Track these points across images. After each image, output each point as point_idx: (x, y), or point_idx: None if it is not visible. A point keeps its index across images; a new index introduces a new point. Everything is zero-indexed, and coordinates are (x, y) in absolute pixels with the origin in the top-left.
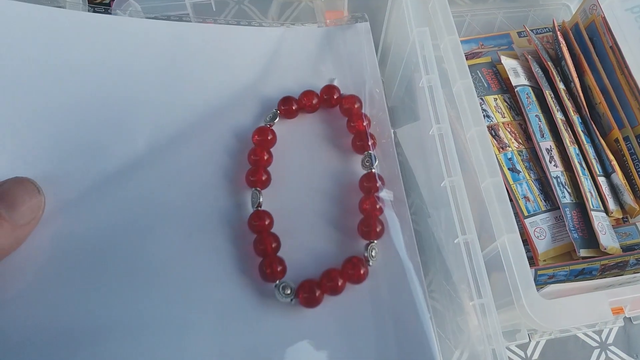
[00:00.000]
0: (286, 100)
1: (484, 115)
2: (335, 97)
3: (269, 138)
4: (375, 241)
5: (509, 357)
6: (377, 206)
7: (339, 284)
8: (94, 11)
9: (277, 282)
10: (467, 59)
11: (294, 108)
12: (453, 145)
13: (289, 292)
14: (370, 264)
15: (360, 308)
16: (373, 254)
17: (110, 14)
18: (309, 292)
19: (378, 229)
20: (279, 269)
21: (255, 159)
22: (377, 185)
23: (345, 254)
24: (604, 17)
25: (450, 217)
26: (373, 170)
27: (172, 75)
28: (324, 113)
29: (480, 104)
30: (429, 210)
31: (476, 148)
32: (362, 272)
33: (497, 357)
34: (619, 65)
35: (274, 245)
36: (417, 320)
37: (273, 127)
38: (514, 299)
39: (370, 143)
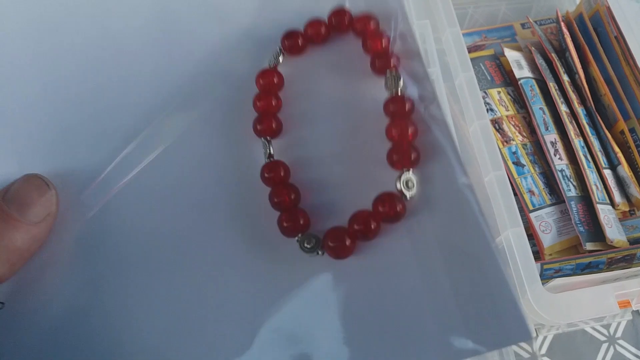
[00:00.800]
0: (290, 35)
1: (487, 109)
2: (346, 21)
3: (275, 81)
4: (411, 170)
5: (515, 352)
6: (409, 130)
7: (372, 226)
8: None
9: (299, 235)
10: (469, 51)
11: (299, 42)
12: (456, 140)
13: (313, 244)
14: (408, 197)
15: (405, 251)
16: (409, 184)
17: None
18: (337, 241)
19: (413, 156)
20: (301, 222)
21: (261, 105)
22: (406, 107)
23: (377, 194)
24: (609, 7)
25: None
26: (399, 91)
27: (162, 32)
28: (336, 42)
29: (484, 98)
30: None
31: (479, 141)
32: (398, 208)
33: (503, 356)
34: (624, 56)
35: (292, 197)
36: (484, 259)
37: (279, 68)
38: (519, 293)
39: (392, 64)
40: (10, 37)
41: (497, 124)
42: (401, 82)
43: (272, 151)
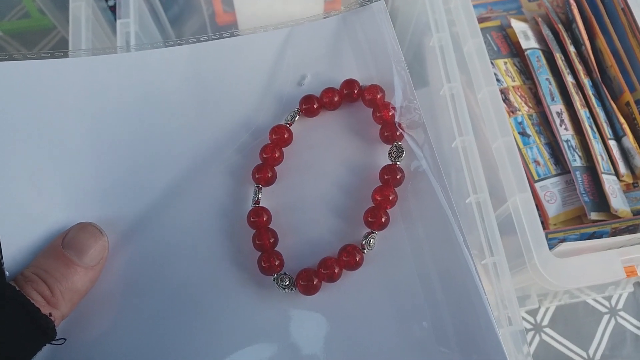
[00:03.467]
0: (307, 99)
1: None
2: (355, 90)
3: (285, 136)
4: (377, 232)
5: None
6: (390, 198)
7: (335, 271)
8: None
9: (275, 275)
10: None
11: (315, 106)
12: (464, 103)
13: (287, 282)
14: (365, 251)
15: (362, 293)
16: (371, 243)
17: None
18: (307, 280)
19: (383, 219)
20: (276, 263)
21: (265, 157)
22: (398, 177)
23: (348, 243)
24: None
25: (462, 178)
26: (397, 163)
27: (195, 97)
28: (346, 108)
29: None
30: None
31: (487, 108)
32: (357, 258)
33: (511, 323)
34: (630, 28)
35: (271, 241)
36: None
37: (292, 126)
38: (526, 258)
39: (397, 133)
40: (65, 103)
41: (503, 94)
42: (404, 155)
43: (260, 197)
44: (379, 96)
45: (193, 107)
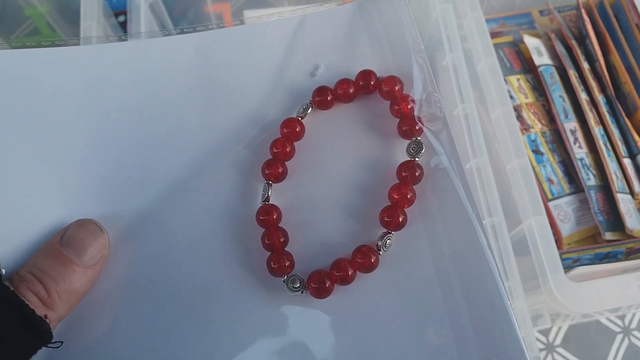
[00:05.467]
0: (321, 91)
1: None
2: (372, 82)
3: (297, 130)
4: (393, 232)
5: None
6: (408, 196)
7: (349, 273)
8: (119, 39)
9: (285, 276)
10: None
11: (328, 99)
12: (478, 124)
13: (298, 285)
14: (381, 253)
15: (377, 297)
16: (387, 244)
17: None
18: (318, 283)
19: (401, 219)
20: (286, 264)
21: (275, 152)
22: (416, 174)
23: (362, 244)
24: None
25: (476, 200)
26: (416, 160)
27: (202, 88)
28: (361, 101)
29: None
30: None
31: (502, 128)
32: (372, 260)
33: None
34: None
35: (281, 240)
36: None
37: (304, 119)
38: (541, 282)
39: (417, 127)
40: (64, 94)
41: (516, 111)
42: (423, 151)
43: (269, 194)
44: (397, 88)
45: (199, 99)
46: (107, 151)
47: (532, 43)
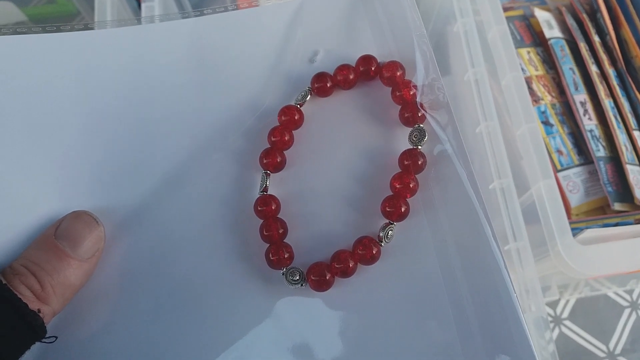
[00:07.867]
0: (320, 77)
1: None
2: (373, 67)
3: (295, 118)
4: (395, 223)
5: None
6: (410, 185)
7: (350, 265)
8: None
9: (284, 269)
10: None
11: (328, 85)
12: (489, 88)
13: (297, 277)
14: (383, 244)
15: (379, 289)
16: (389, 235)
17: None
18: (318, 275)
19: (403, 209)
20: (285, 256)
21: (273, 140)
22: (419, 163)
23: (363, 235)
24: None
25: (485, 164)
26: (419, 148)
27: (197, 75)
28: (362, 87)
29: None
30: None
31: (512, 94)
32: (374, 252)
33: (534, 309)
34: None
35: (280, 231)
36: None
37: (303, 107)
38: (549, 246)
39: (419, 114)
40: (54, 82)
41: (526, 83)
42: (426, 138)
43: (268, 184)
44: (398, 74)
45: (195, 87)
46: (100, 140)
47: (542, 16)
